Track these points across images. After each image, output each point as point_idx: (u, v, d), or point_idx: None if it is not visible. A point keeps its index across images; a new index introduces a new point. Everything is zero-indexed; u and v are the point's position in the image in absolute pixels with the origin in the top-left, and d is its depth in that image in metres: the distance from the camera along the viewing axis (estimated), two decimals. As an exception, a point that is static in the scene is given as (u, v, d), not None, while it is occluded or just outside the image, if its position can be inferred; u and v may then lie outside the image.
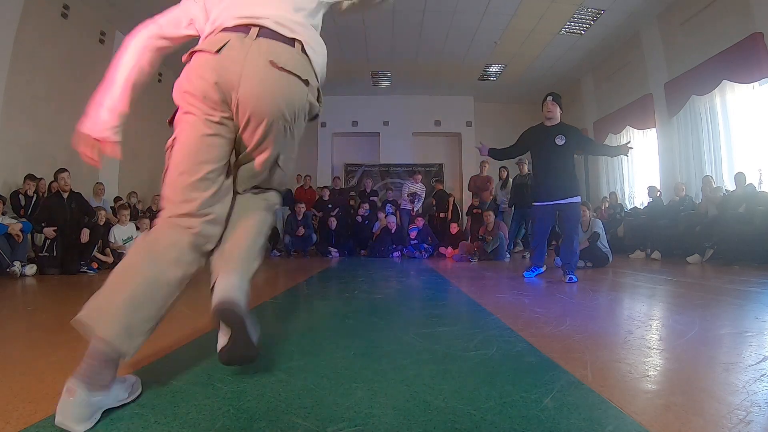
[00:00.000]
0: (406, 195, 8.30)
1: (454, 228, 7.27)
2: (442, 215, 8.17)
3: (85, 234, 4.62)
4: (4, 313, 2.42)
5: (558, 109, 3.75)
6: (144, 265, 1.03)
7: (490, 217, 6.35)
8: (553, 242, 7.75)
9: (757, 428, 0.86)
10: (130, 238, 5.26)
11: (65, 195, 4.80)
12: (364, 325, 1.95)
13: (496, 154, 4.06)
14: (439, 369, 1.26)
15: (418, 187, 8.22)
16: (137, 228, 5.56)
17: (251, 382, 1.15)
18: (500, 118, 11.51)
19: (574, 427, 0.87)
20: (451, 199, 8.43)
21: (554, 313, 2.19)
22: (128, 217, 5.45)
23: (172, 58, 1.30)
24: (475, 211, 7.38)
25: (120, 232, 5.22)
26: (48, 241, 4.50)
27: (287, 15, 1.16)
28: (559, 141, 3.62)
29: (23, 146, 5.62)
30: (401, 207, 8.24)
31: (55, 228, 4.54)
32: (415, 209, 8.04)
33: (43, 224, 4.53)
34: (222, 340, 1.14)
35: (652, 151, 7.63)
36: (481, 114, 11.28)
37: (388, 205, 8.34)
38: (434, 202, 8.57)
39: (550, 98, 3.76)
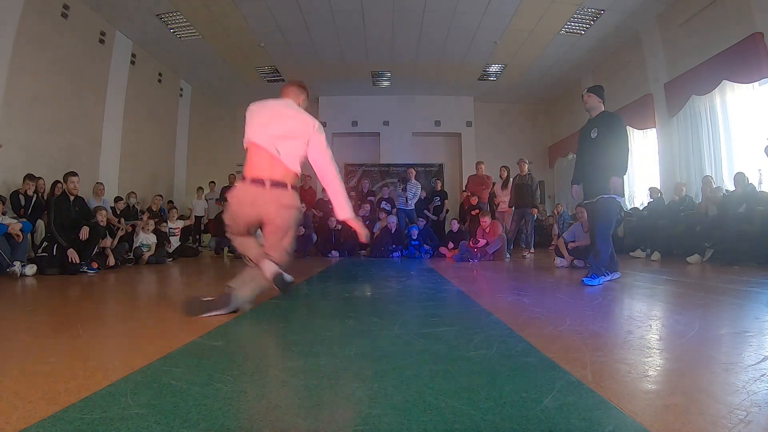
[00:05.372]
0: (396, 195, 8.32)
1: (454, 225, 7.26)
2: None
3: (84, 231, 4.61)
4: (4, 313, 2.41)
5: (595, 98, 3.44)
6: None
7: (486, 221, 6.30)
8: (553, 243, 7.72)
9: (757, 428, 0.86)
10: (148, 245, 5.98)
11: (71, 198, 4.80)
12: (364, 325, 1.95)
13: (576, 178, 3.69)
14: (439, 369, 1.26)
15: (413, 184, 8.19)
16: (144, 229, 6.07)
17: (251, 382, 1.15)
18: (500, 118, 11.54)
19: (574, 427, 0.87)
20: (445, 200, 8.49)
21: (554, 313, 2.19)
22: (152, 227, 6.14)
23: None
24: (473, 212, 7.37)
25: (144, 239, 5.99)
26: (46, 243, 4.50)
27: None
28: (593, 134, 3.38)
29: (23, 146, 5.62)
30: (398, 207, 8.22)
31: (83, 230, 4.63)
32: (409, 202, 8.01)
33: (70, 235, 4.56)
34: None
35: (652, 151, 7.64)
36: (481, 114, 11.28)
37: (384, 202, 8.31)
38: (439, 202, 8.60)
39: (584, 90, 3.56)
